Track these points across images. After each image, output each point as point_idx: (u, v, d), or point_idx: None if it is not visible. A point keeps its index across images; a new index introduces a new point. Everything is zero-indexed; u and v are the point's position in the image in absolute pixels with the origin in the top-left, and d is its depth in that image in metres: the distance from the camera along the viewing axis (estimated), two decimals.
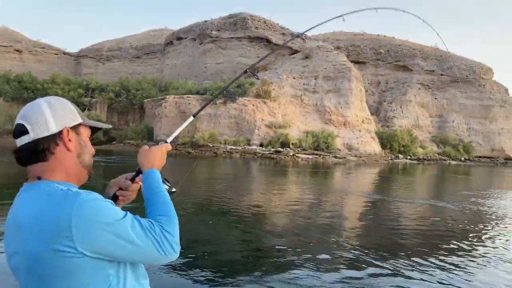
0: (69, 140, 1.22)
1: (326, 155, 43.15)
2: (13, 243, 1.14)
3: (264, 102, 45.73)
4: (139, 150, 1.45)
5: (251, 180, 20.16)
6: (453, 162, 57.55)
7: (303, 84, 51.77)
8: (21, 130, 1.18)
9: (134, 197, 1.46)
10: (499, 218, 11.18)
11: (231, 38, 60.38)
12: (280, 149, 41.49)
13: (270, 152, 40.50)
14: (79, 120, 1.27)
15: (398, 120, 64.66)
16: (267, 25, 61.64)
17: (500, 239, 8.55)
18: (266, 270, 5.57)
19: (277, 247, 6.82)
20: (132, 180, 1.46)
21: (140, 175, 1.42)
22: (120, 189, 1.44)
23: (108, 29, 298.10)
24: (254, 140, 43.18)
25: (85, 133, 1.30)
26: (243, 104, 44.92)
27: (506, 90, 79.26)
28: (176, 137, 1.73)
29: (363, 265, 5.95)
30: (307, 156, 40.85)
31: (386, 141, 54.21)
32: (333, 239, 7.61)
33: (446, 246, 7.56)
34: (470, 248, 7.52)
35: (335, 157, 43.53)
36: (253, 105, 45.06)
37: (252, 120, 44.21)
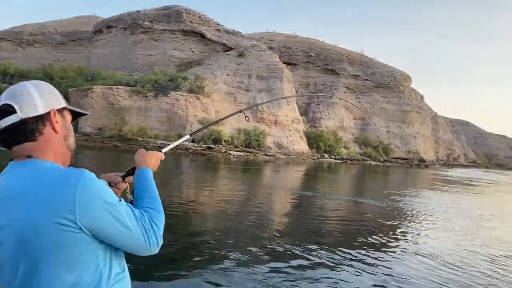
0: (56, 122, 1.23)
1: (257, 153, 43.94)
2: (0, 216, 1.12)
3: (197, 98, 45.37)
4: (138, 150, 1.53)
5: (181, 176, 20.02)
6: (373, 163, 61.42)
7: (237, 82, 52.17)
8: (8, 110, 1.16)
9: (118, 195, 1.44)
10: (413, 214, 12.31)
11: (164, 30, 58.96)
12: (212, 145, 41.49)
13: (202, 148, 40.35)
14: (63, 103, 1.28)
15: (325, 121, 67.53)
16: (201, 20, 61.07)
17: (412, 234, 9.46)
18: (194, 265, 5.69)
19: (206, 244, 6.92)
20: (123, 178, 1.48)
21: (130, 176, 1.48)
22: (109, 184, 1.43)
23: (29, 11, 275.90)
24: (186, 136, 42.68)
25: (69, 117, 1.32)
26: (176, 98, 44.21)
27: (422, 97, 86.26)
28: (103, 129, 1.86)
29: (290, 258, 6.31)
30: (238, 153, 41.30)
31: (313, 141, 56.41)
32: (262, 234, 7.93)
33: (366, 239, 8.22)
34: (387, 242, 8.25)
35: (266, 155, 44.50)
36: (186, 100, 44.51)
37: (185, 115, 43.68)
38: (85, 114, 1.45)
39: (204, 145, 41.20)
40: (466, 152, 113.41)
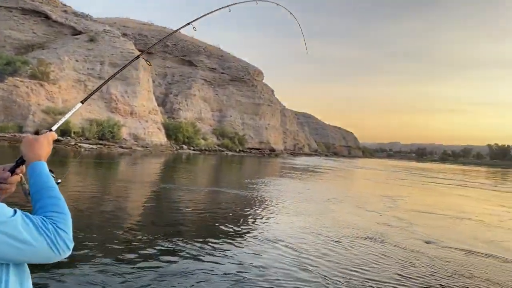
0: None
1: (111, 145, 41.65)
2: None
3: (41, 85, 40.72)
4: (23, 139, 1.35)
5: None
6: (230, 153, 64.02)
7: (87, 69, 48.36)
8: None
9: (13, 190, 1.35)
10: (266, 201, 13.36)
11: None
12: (60, 137, 37.76)
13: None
14: None
15: (183, 113, 67.56)
16: None
17: (267, 219, 10.31)
18: (40, 273, 5.33)
19: None
20: (12, 171, 1.34)
21: (22, 166, 1.34)
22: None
23: None
24: (27, 127, 37.98)
25: None
26: (14, 85, 38.92)
27: (273, 91, 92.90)
28: None
29: (150, 252, 6.33)
30: (90, 146, 38.55)
31: (172, 132, 56.00)
32: (118, 230, 7.73)
33: (224, 228, 8.67)
34: (244, 229, 8.85)
35: (121, 147, 42.51)
36: (27, 87, 39.55)
37: (26, 104, 38.78)
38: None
39: None
40: (309, 142, 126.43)
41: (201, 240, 7.26)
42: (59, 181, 1.36)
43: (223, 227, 8.62)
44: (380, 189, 22.79)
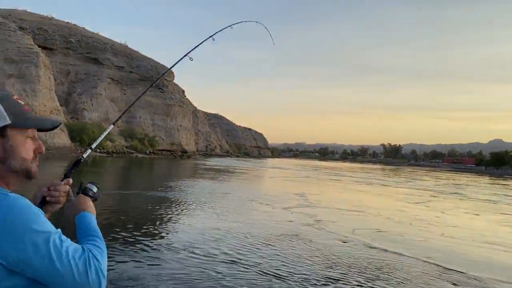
0: None
1: None
2: None
3: None
4: (66, 204, 1.38)
5: None
6: (140, 155, 62.41)
7: None
8: None
9: (63, 202, 1.37)
10: (181, 201, 13.81)
11: None
12: None
13: None
14: (6, 121, 1.12)
15: (88, 113, 64.28)
16: None
17: (181, 219, 10.83)
18: None
19: None
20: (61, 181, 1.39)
21: (68, 179, 1.42)
22: (49, 189, 1.34)
23: None
24: None
25: (20, 134, 1.16)
26: None
27: (183, 92, 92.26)
28: None
29: None
30: None
31: (76, 133, 53.06)
32: None
33: (126, 233, 9.02)
34: (143, 234, 9.30)
35: None
36: None
37: None
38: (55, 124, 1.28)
39: None
40: (221, 143, 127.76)
41: (111, 243, 7.61)
42: (99, 196, 1.47)
43: (124, 233, 8.58)
44: (293, 188, 24.48)
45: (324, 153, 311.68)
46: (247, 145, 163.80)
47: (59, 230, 1.08)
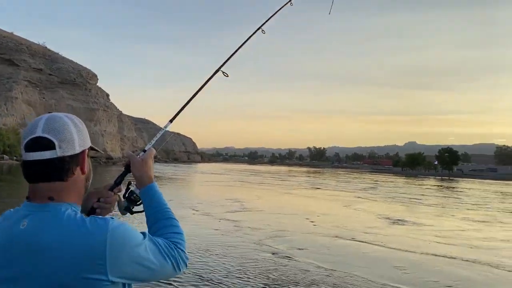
0: (84, 162, 1.17)
1: None
2: (13, 267, 1.03)
3: None
4: (132, 161, 1.39)
5: None
6: None
7: None
8: (46, 144, 1.08)
9: (112, 210, 1.38)
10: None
11: None
12: None
13: None
14: (89, 143, 1.22)
15: (3, 118, 59.82)
16: None
17: None
18: None
19: None
20: (111, 190, 1.38)
21: (119, 186, 1.40)
22: (98, 200, 1.34)
23: None
24: None
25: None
26: None
27: (108, 95, 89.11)
28: None
29: None
30: None
31: None
32: None
33: None
34: None
35: None
36: None
37: None
38: (96, 151, 1.35)
39: None
40: None
41: None
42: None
43: None
44: (228, 192, 25.09)
45: (253, 157, 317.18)
46: (176, 150, 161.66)
47: (146, 233, 1.16)
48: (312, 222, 13.89)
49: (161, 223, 1.26)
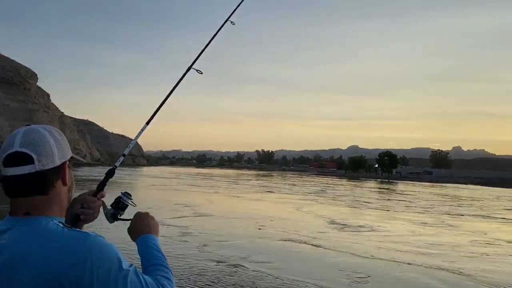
0: (65, 173, 1.14)
1: None
2: None
3: None
4: (137, 216, 1.40)
5: None
6: None
7: None
8: (24, 159, 1.06)
9: (96, 217, 1.36)
10: None
11: None
12: None
13: None
14: (70, 153, 1.19)
15: None
16: None
17: None
18: None
19: None
20: (94, 196, 1.37)
21: (102, 191, 1.40)
22: (82, 206, 1.34)
23: None
24: None
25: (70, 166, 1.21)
26: None
27: (49, 96, 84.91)
28: None
29: None
30: None
31: None
32: None
33: None
34: None
35: None
36: None
37: None
38: (80, 162, 1.33)
39: None
40: (92, 151, 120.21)
41: None
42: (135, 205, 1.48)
43: None
44: (176, 196, 24.93)
45: (201, 160, 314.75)
46: (121, 153, 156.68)
47: (133, 265, 1.09)
48: (263, 226, 14.16)
49: (153, 268, 1.23)
